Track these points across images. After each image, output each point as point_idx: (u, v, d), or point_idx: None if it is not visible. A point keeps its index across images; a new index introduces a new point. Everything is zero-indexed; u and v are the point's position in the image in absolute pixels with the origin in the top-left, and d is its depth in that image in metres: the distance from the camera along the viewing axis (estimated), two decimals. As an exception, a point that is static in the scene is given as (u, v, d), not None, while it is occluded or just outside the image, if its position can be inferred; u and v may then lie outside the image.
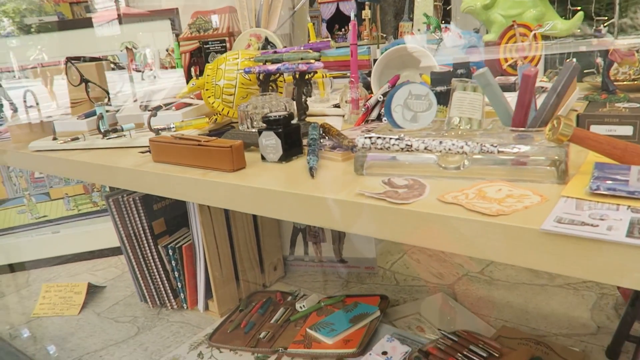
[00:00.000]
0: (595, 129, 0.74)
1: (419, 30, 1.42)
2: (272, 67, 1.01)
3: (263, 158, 0.86)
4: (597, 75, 1.22)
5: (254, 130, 0.94)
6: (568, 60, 1.06)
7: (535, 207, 0.54)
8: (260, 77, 1.04)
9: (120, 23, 2.02)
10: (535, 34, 1.10)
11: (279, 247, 1.82)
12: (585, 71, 1.30)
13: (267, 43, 1.57)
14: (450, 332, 1.27)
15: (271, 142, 0.84)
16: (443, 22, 1.86)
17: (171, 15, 2.27)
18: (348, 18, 1.71)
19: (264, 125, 0.85)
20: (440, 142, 0.66)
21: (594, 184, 0.54)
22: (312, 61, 0.96)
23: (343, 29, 1.59)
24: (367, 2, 1.66)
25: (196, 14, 1.95)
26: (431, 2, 1.49)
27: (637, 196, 0.51)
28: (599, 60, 0.96)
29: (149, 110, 1.21)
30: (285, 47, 1.36)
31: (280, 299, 1.63)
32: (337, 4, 1.64)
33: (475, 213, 0.54)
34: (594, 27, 1.07)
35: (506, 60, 1.11)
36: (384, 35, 1.59)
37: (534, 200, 0.56)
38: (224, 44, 1.67)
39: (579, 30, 1.27)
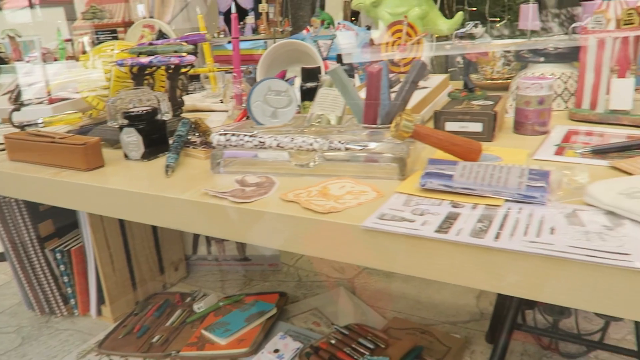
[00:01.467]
0: (449, 125, 0.76)
1: (311, 25, 1.42)
2: (144, 60, 0.96)
3: (126, 156, 0.82)
4: (479, 74, 1.28)
5: (121, 126, 0.89)
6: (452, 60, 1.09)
7: (369, 203, 0.55)
8: (134, 70, 0.98)
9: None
10: (419, 40, 1.13)
11: (181, 247, 1.76)
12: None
13: (161, 35, 1.51)
14: (343, 327, 1.29)
15: (132, 139, 0.80)
16: (353, 19, 1.88)
17: (65, 2, 2.12)
18: (247, 11, 1.68)
19: (126, 121, 0.81)
20: (292, 139, 0.65)
21: (423, 180, 0.55)
22: (184, 54, 0.93)
23: (241, 22, 1.56)
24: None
25: (90, 2, 1.84)
26: (341, -2, 1.49)
27: (458, 191, 0.53)
28: (459, 59, 1.00)
29: (15, 104, 1.11)
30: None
31: (179, 300, 1.58)
32: (236, -3, 1.60)
33: (309, 211, 0.54)
34: (466, 29, 1.12)
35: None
36: (282, 30, 1.58)
37: (370, 196, 0.57)
38: (115, 34, 1.59)
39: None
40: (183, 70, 0.97)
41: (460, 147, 0.62)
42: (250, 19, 1.55)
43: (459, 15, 1.23)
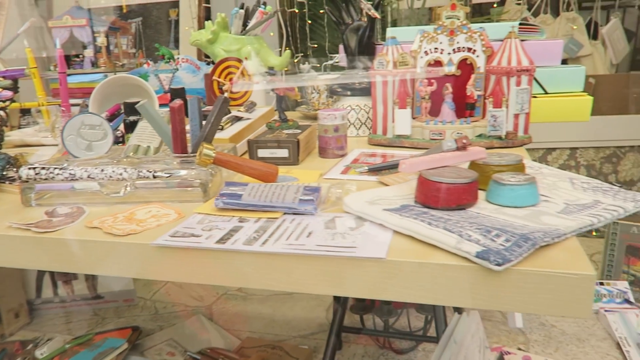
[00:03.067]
0: (261, 152, 0.86)
1: (151, 59, 1.46)
2: (-44, 95, 0.92)
3: None
4: (308, 105, 1.42)
5: None
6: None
7: (168, 224, 0.61)
8: (-54, 105, 0.94)
9: None
10: (242, 70, 1.23)
11: (22, 291, 1.64)
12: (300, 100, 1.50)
13: (-11, 67, 1.43)
14: (196, 352, 1.31)
15: (-64, 177, 0.77)
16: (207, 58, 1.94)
17: None
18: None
19: None
20: (102, 170, 0.69)
21: (216, 201, 0.63)
22: (1, 89, 0.91)
23: (80, 56, 1.54)
24: (102, 30, 1.65)
25: None
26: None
27: (245, 208, 0.61)
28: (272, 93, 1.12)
29: None
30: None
31: (19, 348, 1.47)
32: (71, 30, 1.58)
33: (110, 235, 0.58)
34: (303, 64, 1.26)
35: (220, 90, 1.21)
36: (123, 64, 1.59)
37: (171, 218, 0.63)
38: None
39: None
40: (1, 105, 0.95)
41: (258, 170, 0.71)
42: (89, 52, 1.54)
43: (287, 53, 1.37)
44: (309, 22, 2.11)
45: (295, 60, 1.96)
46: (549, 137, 2.38)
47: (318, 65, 1.90)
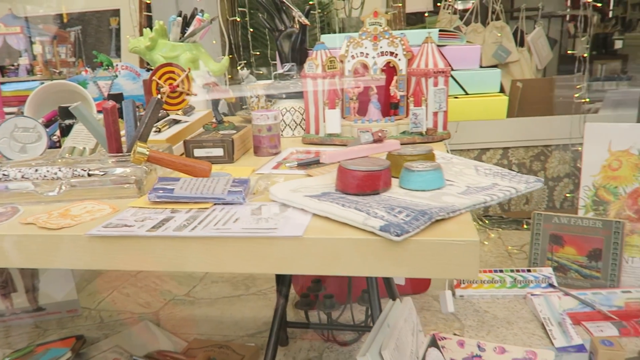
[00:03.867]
0: (197, 151, 0.90)
1: (89, 67, 1.46)
2: None
3: None
4: (247, 110, 1.47)
5: None
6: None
7: (102, 217, 0.64)
8: None
9: None
10: (187, 75, 1.26)
11: (-44, 307, 1.58)
12: (243, 106, 1.54)
13: None
14: (142, 356, 1.31)
15: None
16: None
17: None
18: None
19: None
20: (36, 170, 0.71)
21: (150, 194, 0.66)
22: None
23: (15, 64, 1.52)
24: (38, 39, 1.63)
25: None
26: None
27: (177, 200, 0.65)
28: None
29: None
30: None
31: (-46, 365, 1.42)
32: (4, 37, 1.55)
33: (44, 229, 0.61)
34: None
35: (158, 91, 1.24)
36: (60, 72, 1.58)
37: (105, 212, 0.66)
38: None
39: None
40: None
41: (191, 167, 0.75)
42: (24, 60, 1.52)
43: (226, 59, 1.41)
44: (251, 30, 2.16)
45: (239, 68, 2.00)
46: (482, 139, 2.52)
47: (263, 73, 1.95)
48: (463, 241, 0.50)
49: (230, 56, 2.10)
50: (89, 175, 0.71)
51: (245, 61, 2.14)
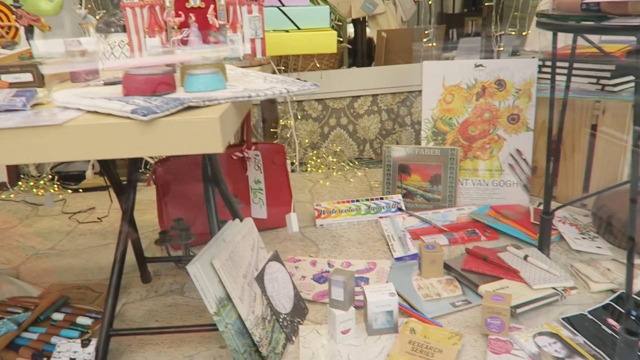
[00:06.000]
0: (5, 77, 0.90)
1: None
2: None
3: None
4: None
5: None
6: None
7: None
8: None
9: None
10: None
11: None
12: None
13: None
14: (-6, 304, 1.30)
15: None
16: None
17: None
18: None
19: None
20: None
21: None
22: None
23: None
24: None
25: None
26: None
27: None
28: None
29: None
30: None
31: None
32: None
33: None
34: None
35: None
36: None
37: None
38: None
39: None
40: None
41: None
42: None
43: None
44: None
45: (77, 8, 1.93)
46: (353, 87, 2.66)
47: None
48: (205, 119, 0.58)
49: None
50: None
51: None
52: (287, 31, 1.28)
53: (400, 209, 1.81)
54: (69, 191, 2.26)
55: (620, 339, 0.92)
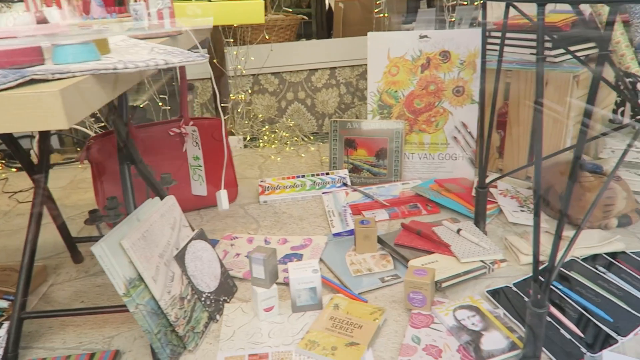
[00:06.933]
0: None
1: None
2: None
3: None
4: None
5: None
6: None
7: None
8: None
9: None
10: None
11: None
12: None
13: None
14: None
15: None
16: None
17: None
18: None
19: None
20: None
21: None
22: None
23: None
24: None
25: None
26: None
27: None
28: None
29: None
30: None
31: None
32: None
33: None
34: None
35: None
36: None
37: None
38: None
39: None
40: None
41: None
42: None
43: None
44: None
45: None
46: (310, 59, 2.61)
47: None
48: (42, 92, 0.54)
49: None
50: None
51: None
52: (210, 0, 1.23)
53: (345, 184, 1.79)
54: (14, 170, 2.20)
55: (529, 311, 0.92)
